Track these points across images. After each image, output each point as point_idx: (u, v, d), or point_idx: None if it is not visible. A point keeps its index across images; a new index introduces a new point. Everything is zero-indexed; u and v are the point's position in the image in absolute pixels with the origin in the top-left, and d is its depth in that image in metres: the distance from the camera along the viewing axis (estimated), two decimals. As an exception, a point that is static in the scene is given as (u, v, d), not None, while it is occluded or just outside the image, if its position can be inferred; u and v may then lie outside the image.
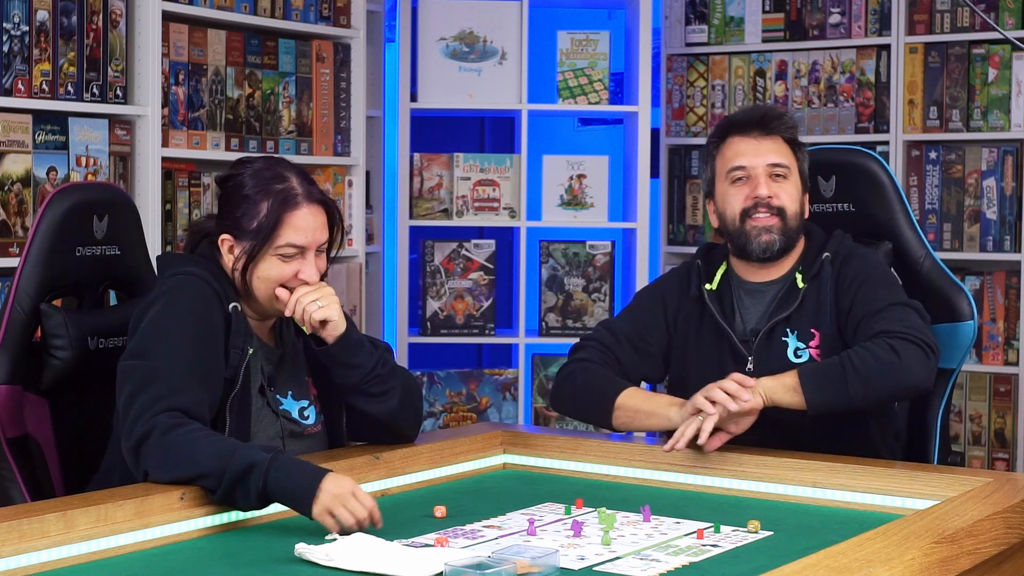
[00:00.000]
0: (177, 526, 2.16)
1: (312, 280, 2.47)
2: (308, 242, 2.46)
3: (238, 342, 2.41)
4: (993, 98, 4.70)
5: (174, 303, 2.39)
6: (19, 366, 2.57)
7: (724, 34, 5.16)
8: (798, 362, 2.73)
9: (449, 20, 4.73)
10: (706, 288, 2.85)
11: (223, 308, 2.42)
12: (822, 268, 2.78)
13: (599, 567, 2.01)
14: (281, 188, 2.46)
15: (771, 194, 2.77)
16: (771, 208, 2.77)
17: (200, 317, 2.38)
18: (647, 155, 4.71)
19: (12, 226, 3.44)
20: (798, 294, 2.79)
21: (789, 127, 2.84)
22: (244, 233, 2.46)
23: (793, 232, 2.79)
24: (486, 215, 4.75)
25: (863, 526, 2.10)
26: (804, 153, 2.87)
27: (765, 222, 2.77)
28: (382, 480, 2.51)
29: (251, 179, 2.48)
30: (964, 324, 2.92)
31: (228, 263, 2.49)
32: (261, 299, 2.49)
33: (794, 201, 2.79)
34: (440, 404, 4.68)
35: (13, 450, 2.54)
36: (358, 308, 4.51)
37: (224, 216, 2.51)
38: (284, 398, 2.54)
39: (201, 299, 2.40)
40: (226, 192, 2.52)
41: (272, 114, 4.19)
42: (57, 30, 3.54)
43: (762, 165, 2.79)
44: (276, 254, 2.45)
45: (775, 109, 2.95)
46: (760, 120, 2.83)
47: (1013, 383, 4.67)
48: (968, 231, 4.74)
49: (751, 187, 2.78)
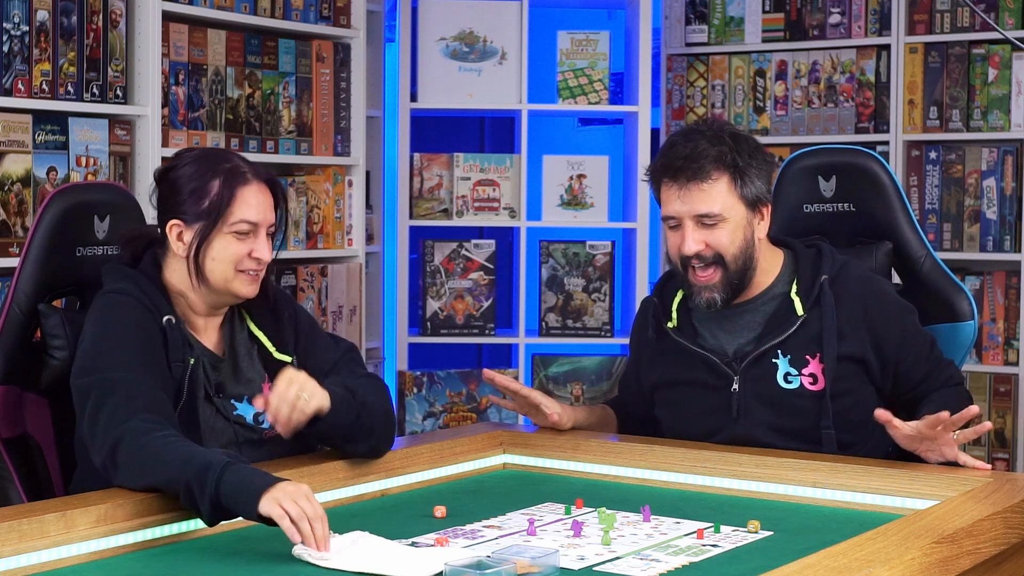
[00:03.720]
0: (177, 526, 2.16)
1: (265, 258, 2.45)
2: (261, 219, 2.45)
3: (177, 355, 2.40)
4: (993, 98, 4.70)
5: (110, 319, 2.39)
6: (16, 366, 2.57)
7: (724, 34, 5.16)
8: (788, 387, 2.68)
9: (449, 20, 4.73)
10: (668, 327, 2.78)
11: (157, 322, 2.40)
12: (822, 293, 2.69)
13: (599, 567, 2.01)
14: (229, 167, 2.46)
15: (700, 247, 2.64)
16: (705, 260, 2.64)
17: (139, 327, 2.38)
18: (647, 155, 4.70)
19: (12, 226, 3.44)
20: (795, 320, 2.69)
21: (720, 162, 2.62)
22: (194, 215, 2.43)
23: (737, 275, 2.66)
24: (486, 215, 4.75)
25: (863, 526, 2.10)
26: (750, 173, 2.65)
27: (704, 279, 2.65)
28: (382, 480, 2.51)
29: (195, 165, 2.47)
30: (964, 324, 2.92)
31: (178, 250, 2.45)
32: (215, 283, 2.45)
33: (732, 243, 2.63)
34: (440, 404, 4.68)
35: (10, 450, 2.55)
36: (358, 308, 4.51)
37: (170, 205, 2.47)
38: (239, 403, 2.49)
39: (134, 314, 2.39)
40: (169, 182, 2.48)
41: (272, 114, 4.19)
42: (57, 30, 3.53)
43: (688, 215, 2.63)
44: (231, 231, 2.43)
45: (701, 147, 2.63)
46: (684, 165, 2.63)
47: (1013, 383, 4.67)
48: (968, 231, 4.74)
49: (682, 238, 2.65)
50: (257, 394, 2.41)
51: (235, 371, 2.52)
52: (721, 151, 2.63)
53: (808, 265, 2.74)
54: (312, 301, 4.33)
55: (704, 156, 2.63)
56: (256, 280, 2.48)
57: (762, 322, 2.73)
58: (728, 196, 2.64)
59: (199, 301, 2.49)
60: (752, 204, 2.67)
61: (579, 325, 4.74)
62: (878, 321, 2.70)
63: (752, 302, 2.74)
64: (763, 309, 2.74)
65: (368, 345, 4.69)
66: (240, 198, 2.43)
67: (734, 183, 2.64)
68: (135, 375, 2.30)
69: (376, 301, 4.83)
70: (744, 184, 2.65)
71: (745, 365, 2.70)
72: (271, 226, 2.49)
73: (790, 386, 2.68)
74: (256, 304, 2.55)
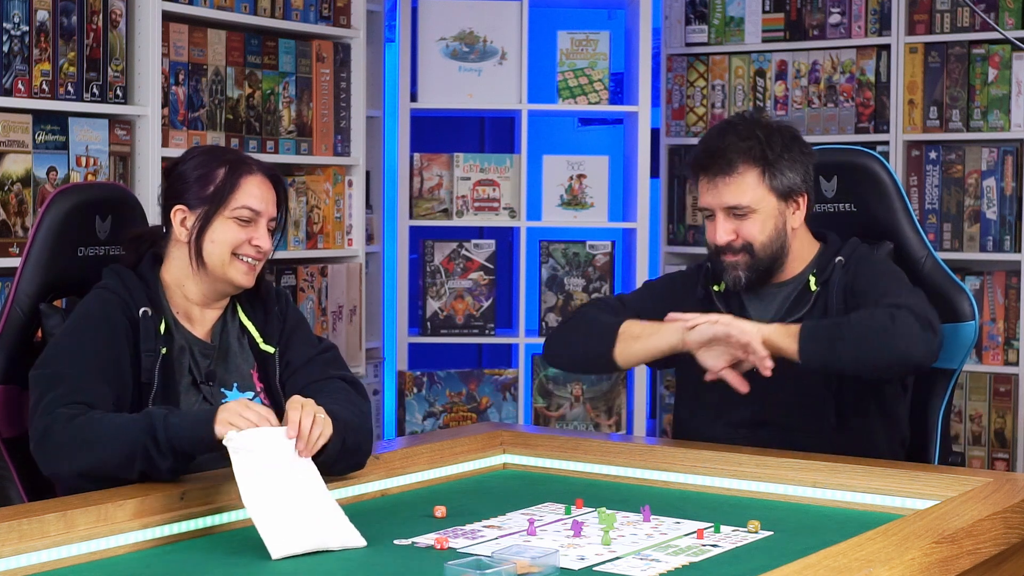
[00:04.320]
0: (177, 526, 2.16)
1: (264, 246, 2.52)
2: (263, 208, 2.52)
3: (149, 344, 2.45)
4: (993, 98, 4.70)
5: (79, 314, 2.47)
6: (17, 366, 2.58)
7: (724, 34, 5.16)
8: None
9: (449, 20, 4.74)
10: (714, 289, 2.88)
11: (129, 315, 2.45)
12: (833, 271, 2.80)
13: (599, 567, 2.01)
14: (234, 158, 2.56)
15: (731, 237, 2.77)
16: (735, 249, 2.78)
17: (100, 323, 2.43)
18: (647, 155, 4.71)
19: (12, 226, 3.44)
20: (810, 297, 2.80)
21: (751, 155, 2.75)
22: (199, 200, 2.51)
23: (765, 261, 2.79)
24: (486, 215, 4.75)
25: (863, 526, 2.10)
26: (781, 165, 2.77)
27: (731, 260, 2.79)
28: (382, 480, 2.51)
29: (202, 155, 2.57)
30: (965, 324, 2.92)
31: (180, 236, 2.53)
32: (212, 267, 2.51)
33: (762, 232, 2.77)
34: (440, 404, 4.68)
35: (10, 450, 2.55)
36: (358, 308, 4.51)
37: (176, 192, 2.55)
38: (229, 391, 2.54)
39: (102, 308, 2.45)
40: (177, 173, 2.57)
41: (272, 114, 4.19)
42: (57, 30, 3.53)
43: (719, 208, 2.78)
44: (232, 216, 2.50)
45: (732, 141, 2.77)
46: (715, 158, 2.77)
47: (1013, 383, 4.67)
48: (968, 231, 4.74)
49: (716, 227, 2.80)
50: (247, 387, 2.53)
51: (226, 360, 2.57)
52: (750, 145, 2.76)
53: (831, 248, 2.85)
54: (312, 301, 4.33)
55: (732, 151, 2.76)
56: (253, 271, 2.54)
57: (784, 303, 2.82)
58: (757, 188, 2.76)
59: (197, 291, 2.55)
60: (785, 195, 2.79)
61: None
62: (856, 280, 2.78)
63: (785, 284, 2.84)
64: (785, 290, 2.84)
65: (368, 345, 4.69)
66: (243, 186, 2.51)
67: (763, 176, 2.76)
68: (80, 371, 2.37)
69: (376, 301, 4.83)
70: (774, 176, 2.77)
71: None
72: (272, 220, 2.55)
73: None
74: (248, 296, 2.61)
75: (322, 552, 2.09)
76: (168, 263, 2.56)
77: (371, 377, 4.72)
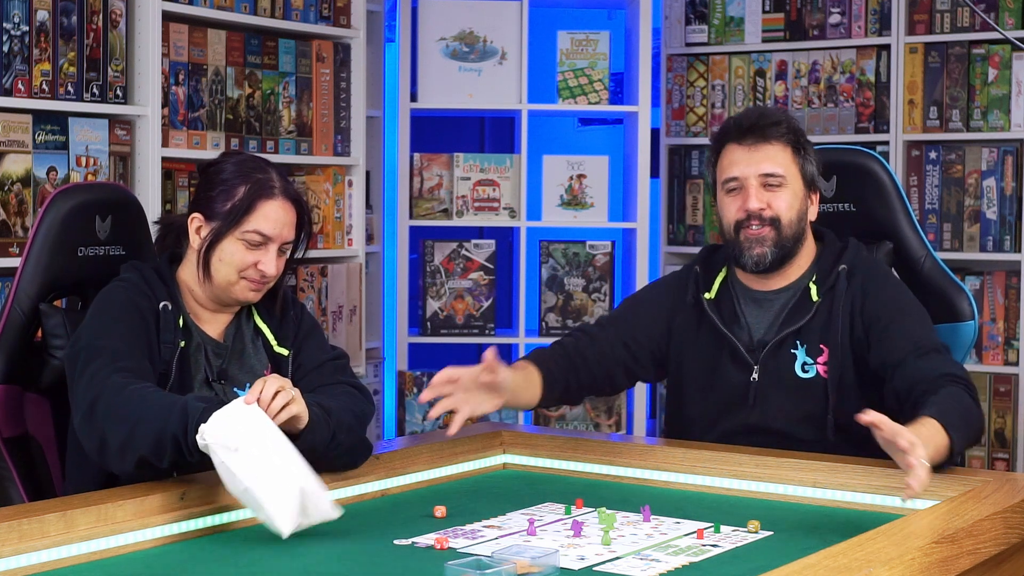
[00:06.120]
0: (177, 526, 2.16)
1: (270, 272, 2.51)
2: (275, 234, 2.51)
3: (168, 337, 2.46)
4: (993, 98, 4.70)
5: (104, 300, 2.47)
6: (17, 366, 2.58)
7: (724, 34, 5.16)
8: (805, 377, 2.72)
9: (449, 20, 4.74)
10: (704, 297, 2.82)
11: (151, 306, 2.47)
12: (837, 280, 2.74)
13: (599, 567, 2.01)
14: (261, 177, 2.53)
15: (762, 205, 2.71)
16: (763, 220, 2.72)
17: (128, 306, 2.44)
18: (647, 155, 4.71)
19: (12, 226, 3.44)
20: (811, 307, 2.74)
21: (789, 130, 2.75)
22: (215, 214, 2.51)
23: (789, 241, 2.74)
24: (486, 215, 4.75)
25: (863, 526, 2.10)
26: (809, 154, 2.77)
27: (757, 234, 2.72)
28: (382, 480, 2.51)
29: (233, 166, 2.55)
30: (965, 324, 2.92)
31: (193, 243, 2.53)
32: (218, 283, 2.52)
33: (791, 209, 2.73)
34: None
35: (11, 450, 2.55)
36: (358, 308, 4.51)
37: (199, 198, 2.56)
38: (241, 390, 2.53)
39: (128, 296, 2.46)
40: (206, 176, 2.57)
41: (272, 114, 4.19)
42: (57, 30, 3.53)
43: (754, 175, 2.72)
44: (242, 238, 2.49)
45: (772, 113, 2.80)
46: (754, 126, 2.74)
47: (1013, 383, 4.67)
48: (968, 231, 4.74)
49: (744, 198, 2.73)
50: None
51: (240, 359, 2.57)
52: (784, 127, 2.76)
53: (831, 255, 2.80)
54: (312, 301, 4.33)
55: (773, 121, 2.76)
56: (259, 289, 2.54)
57: (782, 310, 2.77)
58: (791, 163, 2.75)
59: (205, 298, 2.56)
60: (809, 182, 2.78)
61: (579, 325, 4.74)
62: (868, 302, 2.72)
63: (784, 290, 2.79)
64: (783, 296, 2.79)
65: (368, 345, 4.69)
66: (259, 209, 2.50)
67: (796, 153, 2.76)
68: (120, 343, 2.37)
69: (376, 301, 4.83)
70: (804, 158, 2.77)
71: (765, 355, 2.74)
72: (286, 243, 2.54)
73: (807, 375, 2.73)
74: (265, 301, 2.61)
75: (322, 552, 2.09)
76: (185, 264, 2.57)
77: (371, 377, 4.72)
